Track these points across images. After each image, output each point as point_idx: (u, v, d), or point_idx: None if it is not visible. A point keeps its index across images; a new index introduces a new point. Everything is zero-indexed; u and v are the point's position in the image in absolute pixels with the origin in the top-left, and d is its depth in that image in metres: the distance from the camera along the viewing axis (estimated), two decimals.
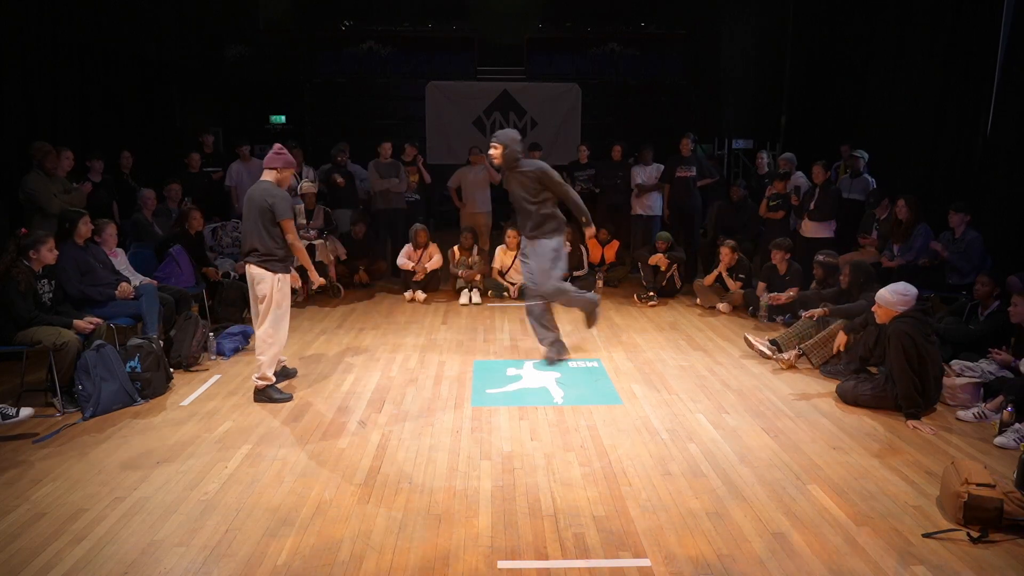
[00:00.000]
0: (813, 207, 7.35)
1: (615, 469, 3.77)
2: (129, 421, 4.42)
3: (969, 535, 3.10)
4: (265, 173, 4.76)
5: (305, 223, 7.74)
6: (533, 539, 3.11)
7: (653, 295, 7.61)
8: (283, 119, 13.05)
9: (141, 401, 4.69)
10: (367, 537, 3.12)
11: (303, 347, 6.00)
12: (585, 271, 8.27)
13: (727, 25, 12.73)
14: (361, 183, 8.96)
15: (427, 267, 7.80)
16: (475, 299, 7.67)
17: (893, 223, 6.77)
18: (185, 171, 8.20)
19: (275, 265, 4.68)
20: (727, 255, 7.23)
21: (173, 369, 5.18)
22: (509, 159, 5.23)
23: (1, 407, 4.16)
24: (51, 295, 4.78)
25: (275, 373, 4.85)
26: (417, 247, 7.85)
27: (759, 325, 6.72)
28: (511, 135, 5.26)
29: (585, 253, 8.33)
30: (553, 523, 3.24)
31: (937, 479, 3.54)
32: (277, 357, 4.84)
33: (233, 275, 7.01)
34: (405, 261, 7.83)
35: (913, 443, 4.12)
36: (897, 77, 8.19)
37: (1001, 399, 4.34)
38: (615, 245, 8.72)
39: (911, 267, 6.34)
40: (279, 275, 4.70)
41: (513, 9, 11.94)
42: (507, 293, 7.90)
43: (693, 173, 8.37)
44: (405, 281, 7.95)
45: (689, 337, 6.35)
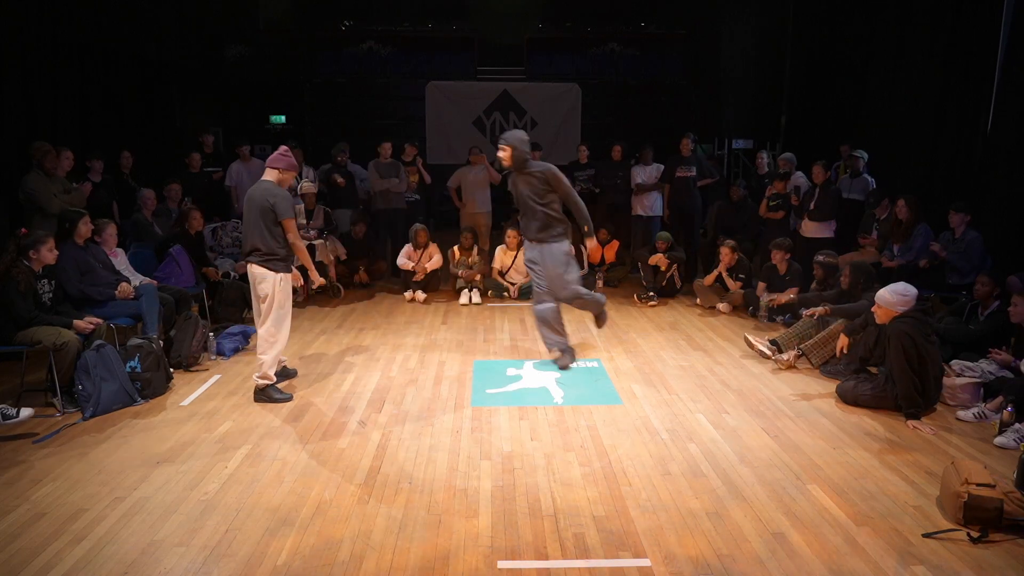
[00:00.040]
0: (813, 207, 7.36)
1: (615, 469, 3.77)
2: (129, 421, 4.42)
3: (969, 535, 3.10)
4: (267, 172, 4.75)
5: (305, 223, 7.75)
6: (533, 539, 3.11)
7: (653, 295, 7.62)
8: (283, 119, 13.05)
9: (141, 401, 4.70)
10: (367, 537, 3.12)
11: (303, 347, 6.00)
12: (585, 271, 8.26)
13: (727, 25, 12.73)
14: (361, 183, 8.97)
15: (427, 267, 7.80)
16: (475, 299, 7.68)
17: (893, 223, 6.78)
18: (185, 171, 8.21)
19: (277, 264, 4.68)
20: (727, 255, 7.23)
21: (173, 369, 5.18)
22: (518, 160, 5.18)
23: (1, 407, 4.16)
24: (51, 295, 4.78)
25: (275, 373, 4.85)
26: (417, 247, 7.85)
27: (759, 325, 6.72)
28: (519, 136, 5.21)
29: (584, 253, 8.32)
30: (553, 523, 3.24)
31: (937, 479, 3.54)
32: (279, 356, 4.85)
33: (233, 275, 7.01)
34: (405, 261, 7.83)
35: (913, 443, 4.12)
36: (897, 77, 8.19)
37: (1001, 399, 4.34)
38: (615, 245, 8.72)
39: (911, 267, 6.34)
40: (281, 274, 4.70)
41: (513, 9, 11.94)
42: (507, 293, 7.90)
43: (693, 173, 8.38)
44: (405, 281, 7.96)
45: (689, 337, 6.35)
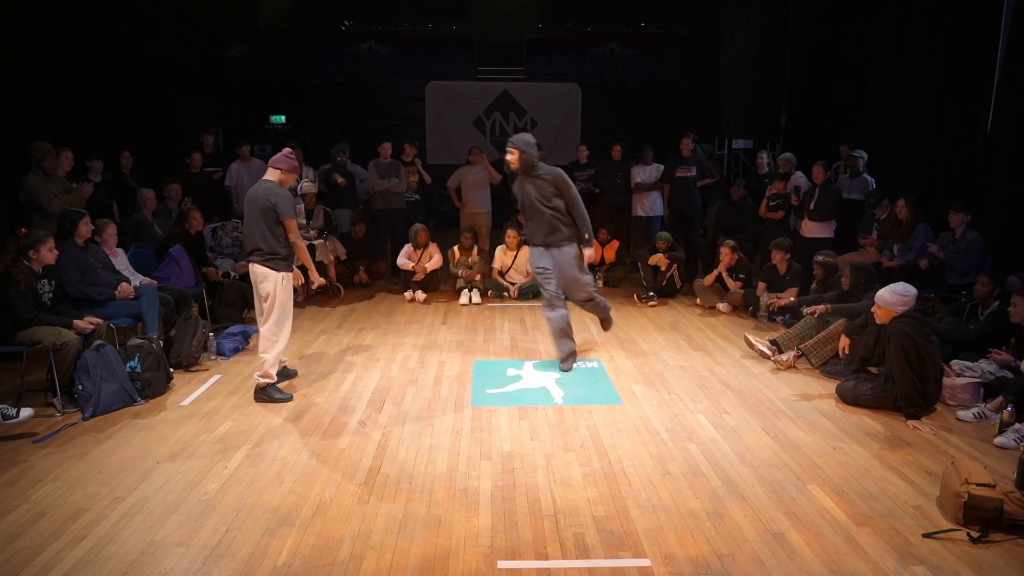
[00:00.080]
0: (813, 207, 7.36)
1: (615, 469, 3.77)
2: (129, 421, 4.42)
3: (969, 535, 3.10)
4: (269, 172, 4.74)
5: (305, 223, 7.75)
6: (533, 539, 3.11)
7: (653, 295, 7.62)
8: (283, 119, 13.05)
9: (141, 401, 4.70)
10: (367, 537, 3.12)
11: (303, 347, 6.00)
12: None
13: (727, 25, 12.73)
14: (361, 183, 8.97)
15: (427, 267, 7.80)
16: (475, 299, 7.68)
17: (893, 223, 6.77)
18: (186, 171, 8.21)
19: (279, 264, 4.68)
20: (727, 255, 7.23)
21: (173, 369, 5.18)
22: (526, 163, 5.16)
23: (1, 407, 4.15)
24: (51, 295, 4.78)
25: (276, 373, 4.85)
26: (417, 247, 7.85)
27: (759, 325, 6.72)
28: (526, 139, 5.20)
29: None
30: (553, 523, 3.24)
31: (937, 479, 3.54)
32: (280, 355, 4.85)
33: (233, 275, 7.01)
34: (405, 261, 7.84)
35: (913, 443, 4.12)
36: (897, 77, 8.19)
37: (1001, 399, 4.34)
38: (615, 245, 8.72)
39: (911, 267, 6.34)
40: (283, 273, 4.70)
41: (513, 9, 11.94)
42: (507, 293, 7.90)
43: (693, 173, 8.38)
44: (405, 281, 7.96)
45: (689, 337, 6.35)
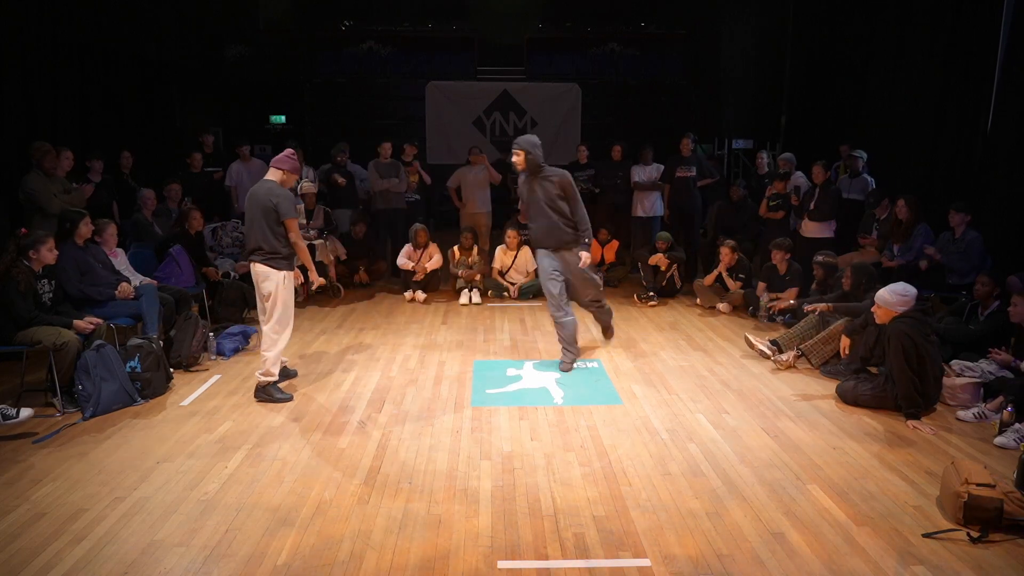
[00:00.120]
0: (813, 207, 7.36)
1: (615, 469, 3.77)
2: (129, 421, 4.42)
3: (969, 535, 3.10)
4: (270, 172, 4.74)
5: (305, 223, 7.74)
6: (533, 539, 3.11)
7: (653, 295, 7.62)
8: (283, 119, 13.05)
9: (141, 401, 4.70)
10: (367, 537, 3.13)
11: (303, 347, 6.00)
12: None
13: (727, 25, 12.73)
14: (361, 183, 8.97)
15: (427, 267, 7.80)
16: (475, 299, 7.67)
17: (893, 223, 6.77)
18: (186, 171, 8.20)
19: (280, 263, 4.69)
20: (727, 255, 7.23)
21: (173, 369, 5.18)
22: (532, 164, 5.16)
23: (1, 407, 4.15)
24: (51, 295, 4.78)
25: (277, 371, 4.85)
26: (417, 247, 7.85)
27: (759, 325, 6.72)
28: (532, 140, 5.21)
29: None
30: (553, 523, 3.24)
31: (937, 479, 3.54)
32: (282, 353, 4.86)
33: (233, 275, 7.00)
34: (405, 261, 7.83)
35: (913, 443, 4.12)
36: (897, 77, 8.19)
37: (1001, 399, 4.34)
38: (615, 245, 8.72)
39: (911, 267, 6.34)
40: (284, 272, 4.71)
41: (513, 9, 11.94)
42: (507, 293, 7.90)
43: (693, 173, 8.38)
44: (405, 281, 7.95)
45: (689, 337, 6.35)
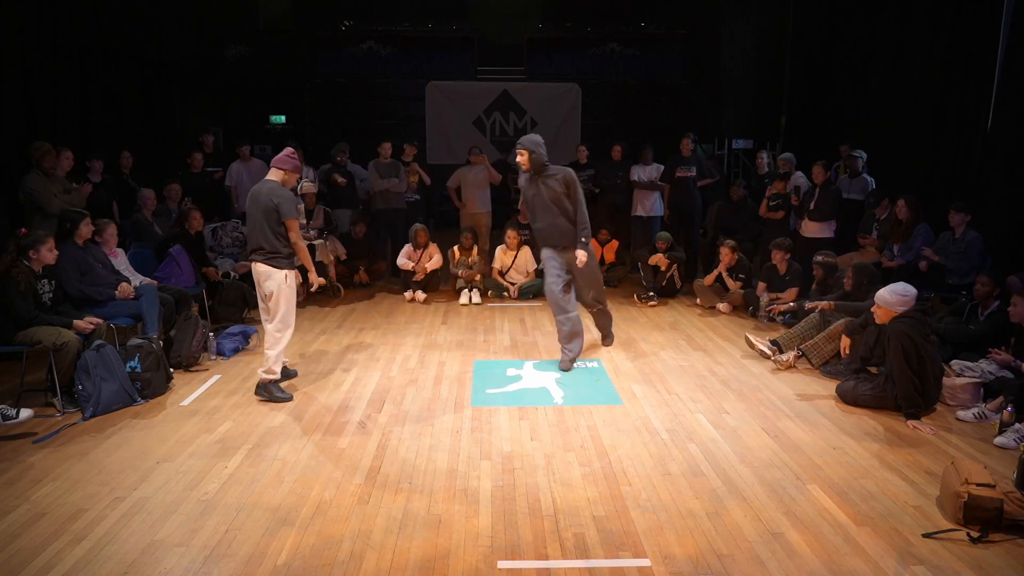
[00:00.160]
0: (813, 207, 7.36)
1: (615, 469, 3.77)
2: (129, 421, 4.42)
3: (969, 535, 3.10)
4: (271, 172, 4.74)
5: (305, 223, 7.74)
6: (533, 539, 3.11)
7: (653, 295, 7.62)
8: (283, 119, 13.05)
9: (141, 401, 4.70)
10: (367, 537, 3.13)
11: (303, 347, 6.00)
12: None
13: (727, 25, 12.73)
14: (361, 183, 8.97)
15: (427, 267, 7.80)
16: (475, 299, 7.67)
17: (893, 223, 6.78)
18: (186, 171, 8.20)
19: (281, 262, 4.70)
20: (727, 255, 7.23)
21: (173, 369, 5.18)
22: (536, 164, 5.18)
23: (1, 408, 4.15)
24: (51, 295, 4.78)
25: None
26: (417, 247, 7.85)
27: (759, 325, 6.72)
28: (535, 140, 5.22)
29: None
30: (553, 523, 3.24)
31: (937, 479, 3.54)
32: (284, 352, 4.86)
33: (233, 275, 7.00)
34: (405, 261, 7.83)
35: (913, 443, 4.12)
36: (897, 77, 8.19)
37: (1001, 399, 4.34)
38: (615, 245, 8.71)
39: (911, 267, 6.34)
40: (286, 271, 4.72)
41: (513, 9, 11.93)
42: (507, 293, 7.90)
43: (693, 173, 8.38)
44: (405, 281, 7.95)
45: (689, 337, 6.35)
